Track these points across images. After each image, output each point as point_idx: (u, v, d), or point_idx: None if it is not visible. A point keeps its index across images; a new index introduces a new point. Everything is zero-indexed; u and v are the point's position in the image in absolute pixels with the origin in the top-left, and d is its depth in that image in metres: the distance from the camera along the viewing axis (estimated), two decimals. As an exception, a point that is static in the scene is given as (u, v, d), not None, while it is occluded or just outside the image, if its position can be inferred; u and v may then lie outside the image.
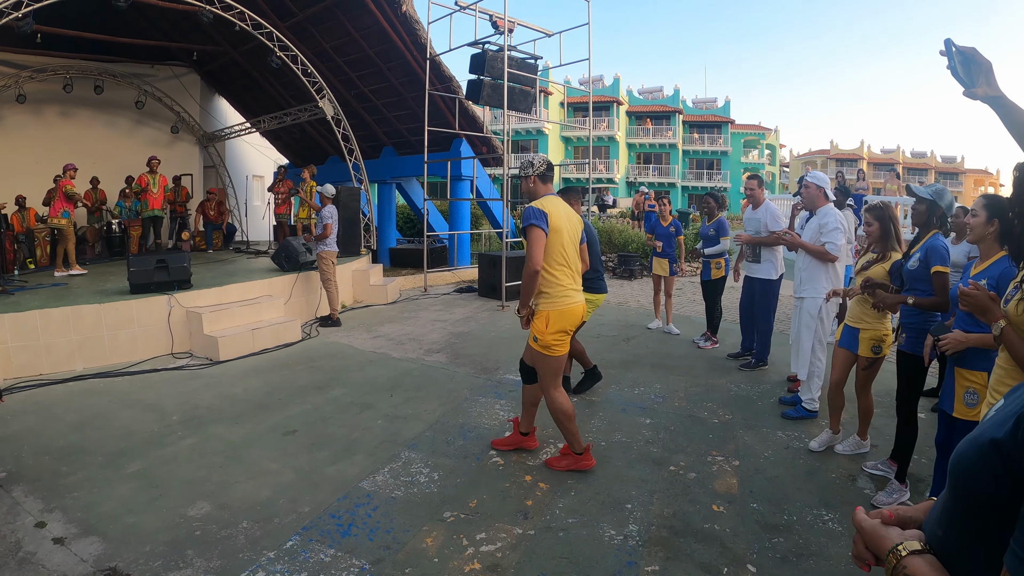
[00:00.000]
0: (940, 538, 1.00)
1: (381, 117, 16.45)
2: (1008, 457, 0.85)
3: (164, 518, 3.75)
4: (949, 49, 2.01)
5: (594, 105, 40.62)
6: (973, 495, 0.91)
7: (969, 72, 1.99)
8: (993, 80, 1.98)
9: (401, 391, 6.19)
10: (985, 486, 0.89)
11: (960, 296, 2.56)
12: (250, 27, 11.26)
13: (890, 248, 4.46)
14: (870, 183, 25.56)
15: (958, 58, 2.00)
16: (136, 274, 7.76)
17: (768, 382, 6.57)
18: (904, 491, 4.06)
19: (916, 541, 1.02)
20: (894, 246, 4.47)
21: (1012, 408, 0.91)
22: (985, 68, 1.98)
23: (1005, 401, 1.02)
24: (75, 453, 4.73)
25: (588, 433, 5.09)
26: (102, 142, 16.04)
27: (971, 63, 1.99)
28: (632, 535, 3.57)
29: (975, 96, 1.99)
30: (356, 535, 3.54)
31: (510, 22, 11.58)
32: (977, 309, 2.46)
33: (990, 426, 0.92)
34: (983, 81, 1.98)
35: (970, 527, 0.93)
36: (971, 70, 1.99)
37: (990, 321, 2.41)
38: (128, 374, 6.85)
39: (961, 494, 0.95)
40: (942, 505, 1.01)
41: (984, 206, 3.20)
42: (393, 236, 17.48)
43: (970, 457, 0.92)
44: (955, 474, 0.96)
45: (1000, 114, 1.99)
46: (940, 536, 1.00)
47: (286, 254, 9.86)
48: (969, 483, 0.92)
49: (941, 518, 1.01)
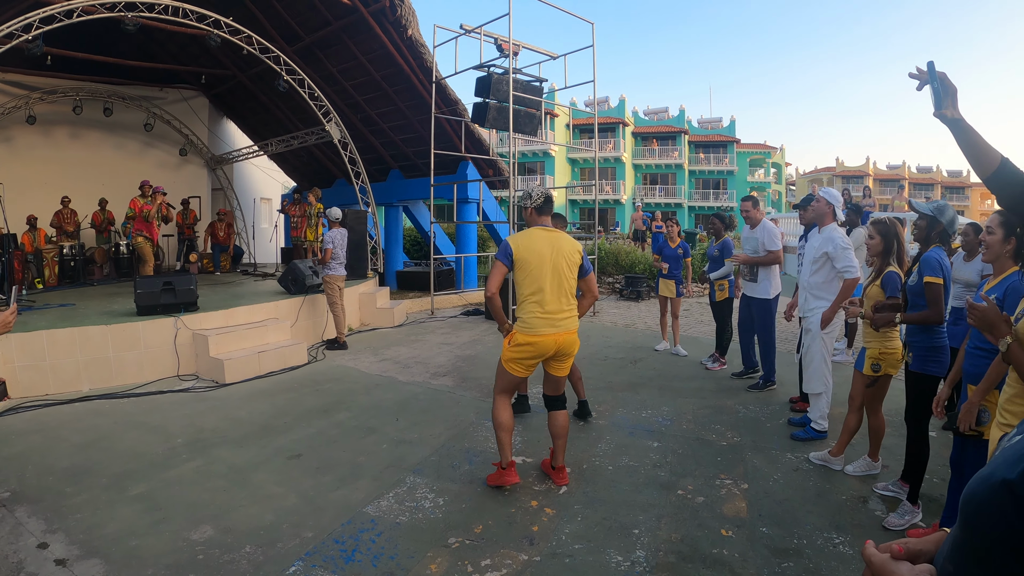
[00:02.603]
0: (951, 574, 0.97)
1: (387, 140, 16.55)
2: (1020, 500, 0.83)
3: (167, 541, 3.72)
4: (932, 71, 2.15)
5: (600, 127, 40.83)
6: (985, 534, 0.89)
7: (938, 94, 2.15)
8: (957, 104, 2.14)
9: (407, 415, 6.16)
10: (997, 526, 0.86)
11: (968, 310, 2.53)
12: (257, 51, 11.37)
13: (887, 264, 4.45)
14: (876, 200, 25.53)
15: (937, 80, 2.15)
16: (143, 296, 7.78)
17: (776, 403, 6.52)
18: (916, 512, 3.99)
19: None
20: (891, 262, 4.45)
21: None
22: (952, 92, 2.14)
23: (1018, 432, 0.99)
24: (79, 474, 4.71)
25: (595, 457, 5.05)
26: (111, 164, 16.21)
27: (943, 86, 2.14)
28: (639, 561, 3.53)
29: (943, 117, 2.14)
30: (360, 561, 3.50)
31: (515, 45, 11.65)
32: (984, 324, 2.43)
33: (1002, 464, 0.89)
34: (950, 103, 2.13)
35: (983, 566, 0.91)
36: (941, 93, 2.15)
37: (996, 337, 2.38)
38: (134, 395, 6.84)
39: (973, 532, 0.92)
40: (953, 540, 0.99)
41: (1001, 224, 3.17)
42: (400, 259, 17.52)
43: (981, 496, 0.90)
44: (966, 512, 0.93)
45: (957, 136, 2.14)
46: (951, 572, 0.97)
47: (292, 277, 9.87)
48: (981, 522, 0.89)
49: (952, 554, 0.98)
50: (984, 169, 2.11)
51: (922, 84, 2.17)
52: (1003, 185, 2.10)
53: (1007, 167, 2.08)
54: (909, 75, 2.19)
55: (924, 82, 2.16)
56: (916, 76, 2.17)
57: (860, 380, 4.61)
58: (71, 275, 12.73)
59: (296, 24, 13.79)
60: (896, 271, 4.37)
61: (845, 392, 5.01)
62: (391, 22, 12.83)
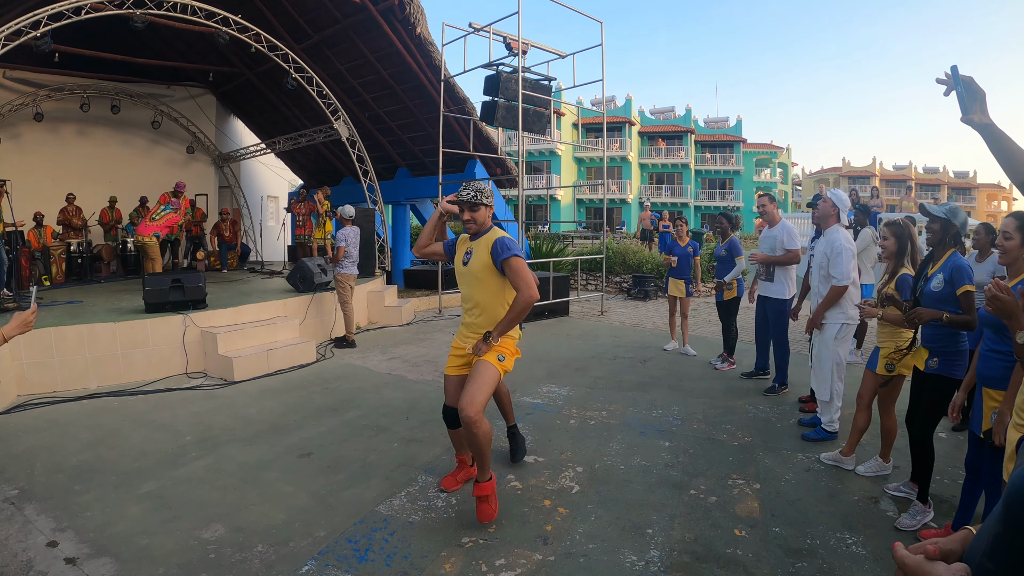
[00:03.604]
0: (991, 572, 0.95)
1: (395, 139, 16.54)
2: None
3: (178, 540, 3.70)
4: (956, 75, 2.11)
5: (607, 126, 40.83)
6: None
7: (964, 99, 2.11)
8: (986, 108, 2.10)
9: (417, 414, 6.14)
10: None
11: (988, 296, 2.47)
12: (266, 49, 11.36)
13: (900, 265, 4.42)
14: (884, 200, 25.47)
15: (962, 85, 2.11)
16: (151, 293, 7.78)
17: (786, 403, 6.49)
18: (928, 512, 3.97)
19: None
20: (905, 263, 4.42)
21: None
22: (980, 97, 2.09)
23: None
24: (88, 472, 4.70)
25: (607, 457, 5.03)
26: (118, 161, 16.22)
27: (969, 91, 2.10)
28: (654, 561, 3.50)
29: (971, 122, 2.10)
30: (373, 560, 3.48)
31: (524, 44, 11.61)
32: (1003, 312, 2.38)
33: None
34: (978, 108, 2.09)
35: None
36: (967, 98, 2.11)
37: (1014, 328, 2.34)
38: (142, 393, 6.83)
39: (1019, 530, 0.90)
40: (993, 539, 0.96)
41: (1018, 228, 3.15)
42: (407, 257, 17.50)
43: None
44: (1012, 509, 0.91)
45: (988, 141, 2.10)
46: (991, 570, 0.95)
47: (301, 275, 9.86)
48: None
49: (993, 552, 0.95)
50: (1017, 174, 2.07)
51: (948, 90, 2.13)
52: None
53: None
54: (937, 80, 2.15)
55: (950, 88, 2.12)
56: (943, 82, 2.13)
57: (872, 380, 4.58)
58: (78, 272, 12.75)
59: (304, 22, 13.78)
60: (910, 273, 4.34)
61: (854, 392, 4.98)
62: (399, 20, 12.81)
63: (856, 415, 4.76)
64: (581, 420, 5.98)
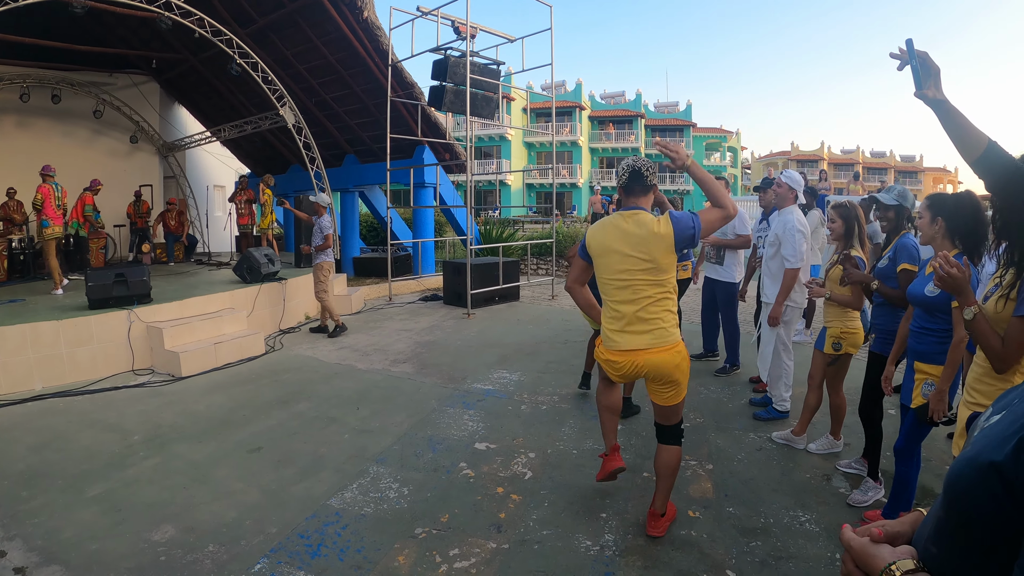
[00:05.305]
0: (935, 556, 0.97)
1: (343, 125, 16.31)
2: (1009, 482, 0.83)
3: (128, 543, 3.63)
4: (911, 49, 2.09)
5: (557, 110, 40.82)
6: (973, 516, 0.89)
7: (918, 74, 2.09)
8: (940, 84, 2.08)
9: (368, 404, 6.10)
10: (985, 508, 0.86)
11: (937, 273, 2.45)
12: (209, 34, 11.08)
13: (848, 247, 4.51)
14: (832, 183, 25.96)
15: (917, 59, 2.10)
16: (94, 288, 7.56)
17: (737, 383, 6.60)
18: (879, 488, 4.09)
19: (910, 559, 0.99)
20: (853, 244, 4.51)
21: (1010, 427, 0.88)
22: (934, 72, 2.08)
23: (995, 411, 1.00)
24: (35, 477, 4.56)
25: (559, 441, 5.06)
26: (60, 153, 15.62)
27: (924, 66, 2.09)
28: (608, 545, 3.54)
29: (925, 97, 2.09)
30: (326, 555, 3.45)
31: (472, 27, 11.53)
32: (955, 289, 2.41)
33: (987, 445, 0.90)
34: (932, 84, 2.08)
35: (970, 548, 0.91)
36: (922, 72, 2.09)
37: (963, 304, 2.38)
38: (88, 392, 6.65)
39: (959, 515, 0.92)
40: (936, 523, 0.99)
41: (927, 207, 3.30)
42: (356, 245, 17.29)
43: (968, 478, 0.90)
44: (952, 494, 0.93)
45: (941, 117, 2.09)
46: (935, 554, 0.97)
47: (248, 265, 9.69)
48: (968, 505, 0.89)
49: (936, 537, 0.98)
50: (970, 152, 2.06)
51: (903, 64, 2.11)
52: (990, 169, 2.05)
53: (994, 150, 2.03)
54: (890, 55, 2.12)
55: (904, 62, 2.11)
56: (897, 56, 2.11)
57: (821, 359, 4.68)
58: (21, 269, 12.33)
59: (249, 6, 13.46)
60: (859, 255, 4.43)
61: (805, 371, 5.08)
62: (346, 4, 12.59)
63: (807, 395, 4.86)
64: (533, 405, 6.01)
